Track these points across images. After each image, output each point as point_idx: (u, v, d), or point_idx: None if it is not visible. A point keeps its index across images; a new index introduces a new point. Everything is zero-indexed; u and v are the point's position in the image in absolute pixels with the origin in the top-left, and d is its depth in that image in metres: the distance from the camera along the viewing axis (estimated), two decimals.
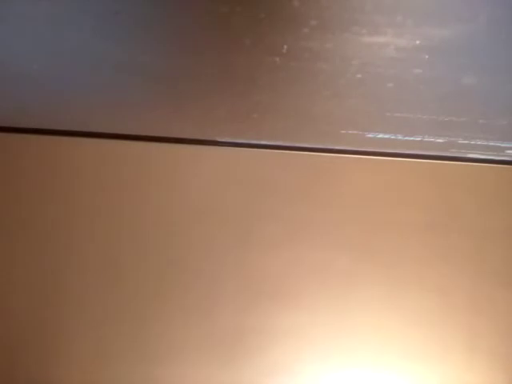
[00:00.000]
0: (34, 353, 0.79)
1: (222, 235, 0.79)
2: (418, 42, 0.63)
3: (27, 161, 0.78)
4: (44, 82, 0.71)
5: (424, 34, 0.62)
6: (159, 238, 0.79)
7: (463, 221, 0.81)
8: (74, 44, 0.65)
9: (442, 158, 0.80)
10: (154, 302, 0.80)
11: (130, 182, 0.78)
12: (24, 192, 0.78)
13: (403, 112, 0.73)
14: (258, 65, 0.66)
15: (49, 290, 0.79)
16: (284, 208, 0.80)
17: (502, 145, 0.78)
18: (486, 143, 0.77)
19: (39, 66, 0.68)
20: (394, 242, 0.80)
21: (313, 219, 0.80)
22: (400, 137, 0.77)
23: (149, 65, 0.67)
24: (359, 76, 0.68)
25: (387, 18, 0.60)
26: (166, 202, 0.79)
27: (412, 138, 0.77)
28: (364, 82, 0.68)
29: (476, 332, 0.82)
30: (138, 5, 0.60)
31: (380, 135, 0.77)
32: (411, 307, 0.81)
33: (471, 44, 0.63)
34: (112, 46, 0.65)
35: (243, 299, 0.80)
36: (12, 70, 0.69)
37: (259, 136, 0.78)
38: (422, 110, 0.73)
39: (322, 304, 0.81)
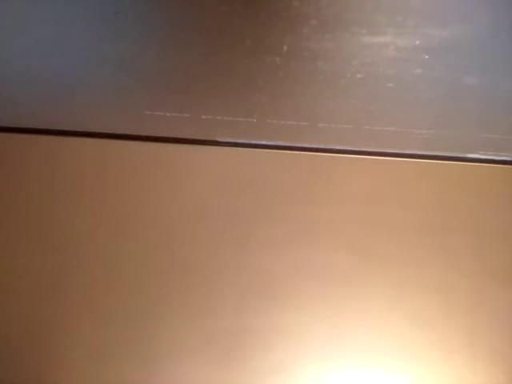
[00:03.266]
0: (34, 353, 0.79)
1: (222, 235, 0.79)
2: (417, 42, 0.63)
3: (27, 161, 0.78)
4: (44, 83, 0.71)
5: (424, 34, 0.62)
6: (159, 238, 0.79)
7: (463, 220, 0.81)
8: (74, 44, 0.65)
9: (442, 157, 0.80)
10: (154, 302, 0.80)
11: (130, 182, 0.78)
12: (24, 191, 0.78)
13: (403, 112, 0.73)
14: (258, 65, 0.66)
15: (49, 290, 0.79)
16: (284, 208, 0.80)
17: (502, 145, 0.78)
18: (486, 143, 0.77)
19: (39, 66, 0.68)
20: (394, 242, 0.80)
21: (313, 219, 0.80)
22: (400, 137, 0.77)
23: (149, 65, 0.67)
24: (359, 76, 0.68)
25: (387, 18, 0.60)
26: (166, 202, 0.79)
27: (412, 138, 0.77)
28: (364, 82, 0.68)
29: (476, 332, 0.82)
30: (138, 5, 0.60)
31: (380, 135, 0.77)
32: (411, 307, 0.81)
33: (471, 44, 0.63)
34: (112, 45, 0.65)
35: (243, 299, 0.80)
36: (12, 70, 0.69)
37: (259, 136, 0.78)
38: (422, 110, 0.73)
39: (323, 304, 0.81)
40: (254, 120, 0.75)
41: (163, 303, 0.80)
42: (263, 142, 0.79)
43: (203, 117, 0.75)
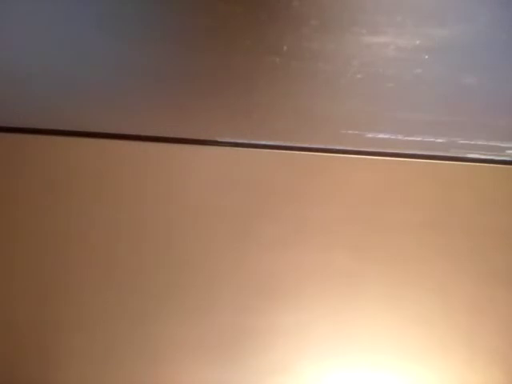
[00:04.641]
0: (34, 354, 0.79)
1: (221, 235, 0.79)
2: (417, 41, 0.63)
3: (27, 161, 0.78)
4: (44, 82, 0.71)
5: (424, 33, 0.62)
6: (159, 238, 0.79)
7: (463, 220, 0.81)
8: (74, 44, 0.65)
9: (442, 157, 0.80)
10: (153, 301, 0.80)
11: (130, 182, 0.78)
12: (24, 192, 0.78)
13: (403, 112, 0.73)
14: (258, 65, 0.66)
15: (48, 291, 0.79)
16: (284, 208, 0.80)
17: (502, 145, 0.78)
18: (486, 143, 0.77)
19: (40, 66, 0.68)
20: (394, 242, 0.80)
21: (312, 219, 0.80)
22: (400, 137, 0.77)
23: (149, 65, 0.67)
24: (359, 76, 0.68)
25: (387, 18, 0.60)
26: (166, 202, 0.79)
27: (412, 138, 0.77)
28: (364, 82, 0.68)
29: (476, 332, 0.82)
30: (138, 5, 0.60)
31: (380, 135, 0.77)
32: (411, 307, 0.81)
33: (471, 44, 0.63)
34: (112, 45, 0.65)
35: (243, 299, 0.80)
36: (12, 70, 0.69)
37: (259, 136, 0.78)
38: (422, 110, 0.73)
39: (322, 303, 0.81)
40: (254, 120, 0.75)
41: (162, 303, 0.80)
42: (263, 142, 0.79)
43: (203, 117, 0.75)
